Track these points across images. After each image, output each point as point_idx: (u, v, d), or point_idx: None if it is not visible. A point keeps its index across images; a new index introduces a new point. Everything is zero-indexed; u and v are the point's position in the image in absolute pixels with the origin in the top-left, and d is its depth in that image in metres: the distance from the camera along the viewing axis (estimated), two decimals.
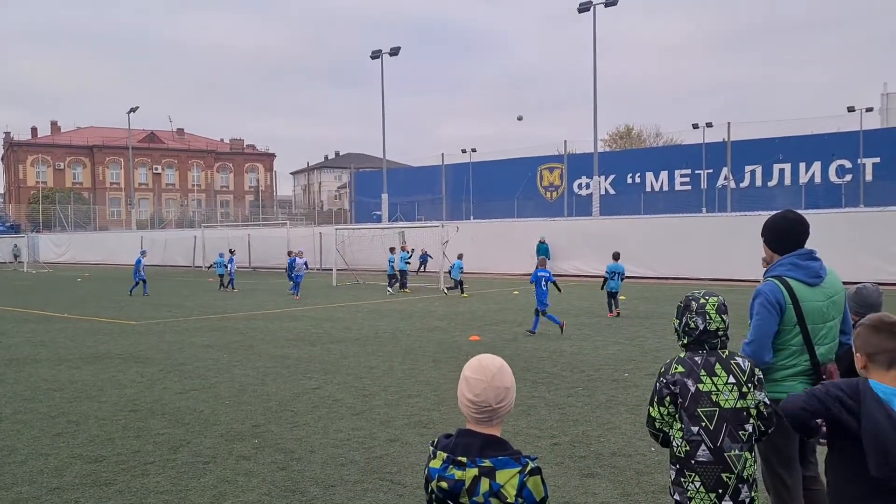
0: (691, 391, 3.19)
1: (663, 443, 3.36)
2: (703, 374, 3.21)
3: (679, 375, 3.23)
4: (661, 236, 29.06)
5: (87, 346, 13.20)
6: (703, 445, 3.15)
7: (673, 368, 3.28)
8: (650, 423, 3.37)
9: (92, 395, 9.04)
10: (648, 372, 9.90)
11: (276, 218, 67.92)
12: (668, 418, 3.27)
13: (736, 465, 3.14)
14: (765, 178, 42.94)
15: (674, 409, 3.25)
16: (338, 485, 5.63)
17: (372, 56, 43.27)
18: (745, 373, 3.23)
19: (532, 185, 51.72)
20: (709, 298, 3.34)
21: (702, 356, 3.26)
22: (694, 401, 3.18)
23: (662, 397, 3.27)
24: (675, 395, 3.23)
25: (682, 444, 3.21)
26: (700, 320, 3.29)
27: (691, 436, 3.18)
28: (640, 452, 6.27)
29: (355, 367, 10.68)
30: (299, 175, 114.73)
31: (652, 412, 3.34)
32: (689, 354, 3.31)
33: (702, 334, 3.29)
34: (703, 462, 3.15)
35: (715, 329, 3.28)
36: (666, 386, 3.26)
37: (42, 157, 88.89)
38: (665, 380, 3.27)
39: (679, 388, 3.21)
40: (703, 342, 3.29)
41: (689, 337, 3.33)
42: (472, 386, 2.20)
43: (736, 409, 3.17)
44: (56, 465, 6.22)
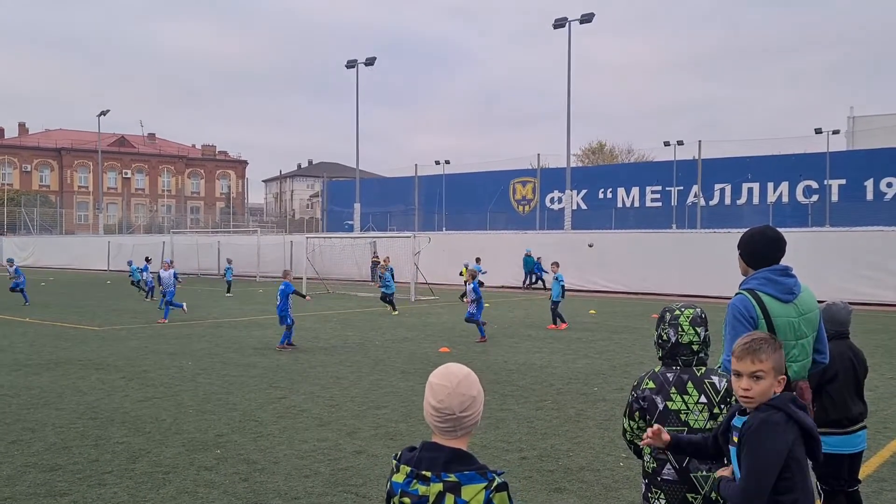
0: (659, 408, 3.11)
1: (636, 453, 3.32)
2: (673, 391, 3.12)
3: (649, 392, 3.16)
4: (633, 251, 29.28)
5: (48, 352, 12.86)
6: (668, 464, 3.09)
7: (644, 383, 3.20)
8: (623, 435, 3.35)
9: (50, 401, 8.79)
10: (617, 386, 9.90)
11: (247, 225, 67.21)
12: (639, 431, 3.22)
13: (703, 486, 3.06)
14: (734, 197, 43.58)
15: (643, 424, 3.18)
16: (301, 497, 5.51)
17: (347, 66, 43.16)
18: (720, 393, 3.12)
19: (505, 199, 51.91)
20: (684, 310, 3.21)
21: (675, 373, 3.16)
22: (661, 418, 3.10)
23: (633, 411, 3.22)
24: (643, 410, 3.16)
25: (650, 460, 3.16)
26: (672, 332, 3.18)
27: (658, 453, 3.11)
28: (609, 468, 6.24)
29: (322, 377, 10.54)
30: (271, 183, 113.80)
31: (625, 424, 3.30)
32: (662, 370, 3.21)
33: (674, 348, 3.17)
34: (668, 480, 3.09)
35: (688, 342, 3.15)
36: (636, 401, 3.20)
37: (9, 158, 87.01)
38: (636, 394, 3.21)
39: (647, 405, 3.14)
40: (676, 356, 3.18)
41: (662, 349, 3.23)
42: (436, 392, 2.12)
43: (705, 430, 3.07)
44: (9, 473, 6.00)
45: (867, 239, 24.92)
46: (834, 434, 4.18)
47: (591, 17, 34.02)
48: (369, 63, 42.39)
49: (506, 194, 52.22)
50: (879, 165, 39.09)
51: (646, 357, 12.61)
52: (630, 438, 3.28)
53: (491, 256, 32.73)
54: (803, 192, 41.26)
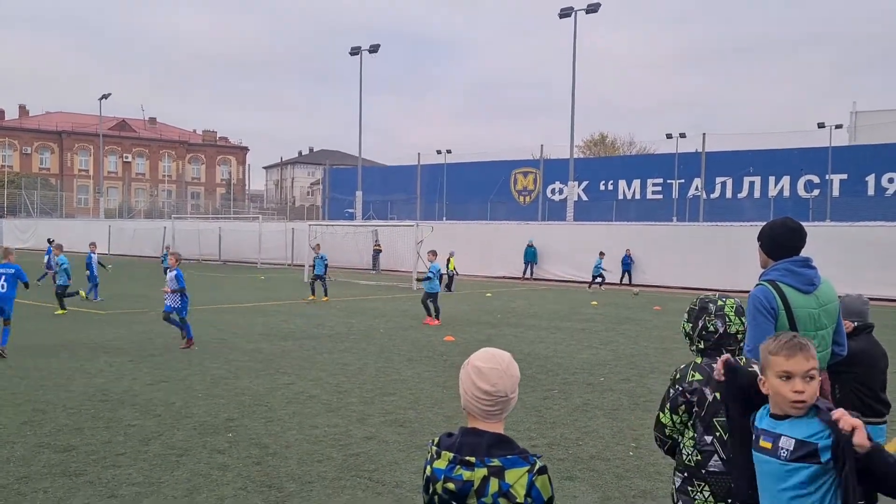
0: (709, 400, 3.06)
1: (669, 450, 3.27)
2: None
3: (697, 384, 3.10)
4: (634, 244, 29.31)
5: (54, 335, 12.89)
6: (715, 455, 3.06)
7: (690, 376, 3.14)
8: (659, 430, 3.26)
9: (60, 383, 8.83)
10: (623, 377, 9.95)
11: (248, 212, 67.16)
12: (680, 426, 3.17)
13: None
14: (735, 190, 43.62)
15: (687, 418, 3.14)
16: (315, 481, 5.55)
17: (351, 52, 43.01)
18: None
19: (506, 189, 51.89)
20: (726, 300, 3.20)
21: None
22: (711, 410, 3.06)
23: (677, 405, 3.15)
24: (690, 403, 3.11)
25: (693, 452, 3.11)
26: (720, 323, 3.15)
27: (704, 445, 3.08)
28: (619, 457, 6.28)
29: (329, 364, 10.58)
30: (272, 170, 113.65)
31: (663, 419, 3.23)
32: (706, 361, 3.16)
33: (721, 338, 3.14)
34: (714, 472, 3.05)
35: (735, 332, 3.14)
36: (682, 394, 3.13)
37: (9, 140, 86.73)
38: (681, 387, 3.15)
39: (696, 397, 3.09)
40: (721, 347, 3.14)
41: (706, 342, 3.18)
42: (488, 375, 2.14)
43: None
44: (23, 453, 6.04)
45: (868, 234, 24.95)
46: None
47: (598, 6, 33.89)
48: (373, 50, 42.24)
49: (507, 185, 52.20)
50: (881, 161, 39.08)
51: (649, 348, 12.67)
52: (669, 433, 3.22)
53: (492, 246, 32.78)
54: (805, 186, 41.27)
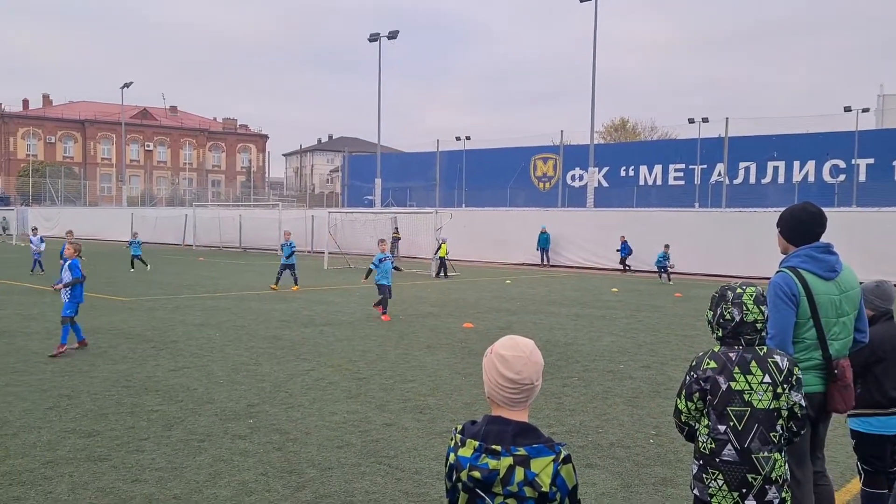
0: (722, 389, 3.06)
1: (688, 436, 3.27)
2: (736, 371, 3.07)
3: (711, 371, 3.10)
4: (656, 230, 29.09)
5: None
6: (729, 445, 3.06)
7: (705, 363, 3.13)
8: (677, 416, 3.27)
9: (83, 369, 8.95)
10: (643, 364, 9.90)
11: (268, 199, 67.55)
12: (696, 413, 3.17)
13: (763, 467, 3.04)
14: (759, 176, 43.10)
15: (702, 405, 3.14)
16: (335, 467, 5.58)
17: (370, 39, 42.93)
18: (783, 372, 3.09)
19: (525, 175, 51.69)
20: (746, 288, 3.17)
21: (737, 352, 3.12)
22: (724, 399, 3.06)
23: (691, 392, 3.15)
24: (704, 391, 3.11)
25: (708, 440, 3.11)
26: (736, 311, 3.13)
27: (717, 434, 3.08)
28: (639, 444, 6.25)
29: (348, 351, 10.62)
30: (291, 157, 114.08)
31: (679, 405, 3.23)
32: (723, 349, 3.16)
33: (738, 326, 3.12)
34: (728, 461, 3.05)
35: (752, 321, 3.11)
36: (696, 381, 3.13)
37: (33, 129, 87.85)
38: (696, 374, 3.15)
39: (710, 385, 3.09)
40: (739, 335, 3.13)
41: (723, 329, 3.17)
42: (512, 363, 2.13)
43: (769, 411, 3.05)
44: (49, 438, 6.14)
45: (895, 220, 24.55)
46: (878, 415, 4.15)
47: None
48: (392, 36, 42.13)
49: (526, 171, 52.00)
50: None
51: (670, 336, 12.58)
52: (685, 420, 3.22)
53: (511, 233, 32.69)
54: (830, 171, 40.68)
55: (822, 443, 3.98)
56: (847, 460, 5.73)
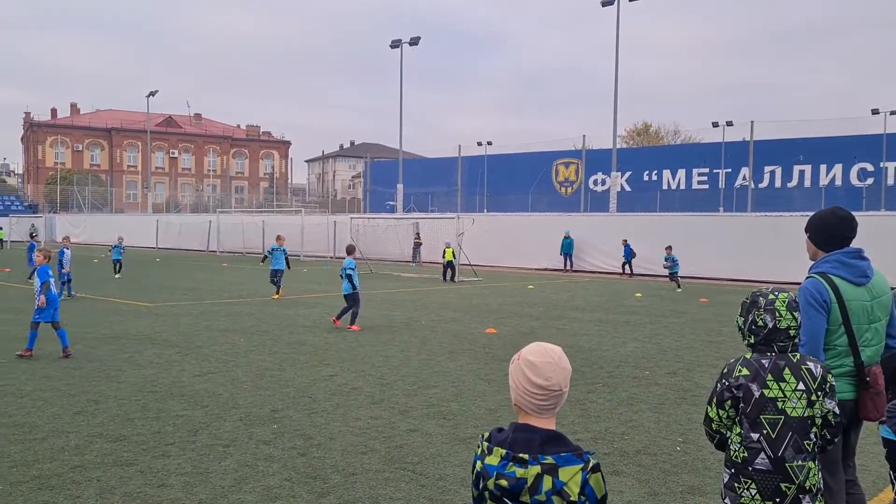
0: (755, 396, 3.01)
1: (719, 445, 3.21)
2: (769, 378, 3.01)
3: (744, 379, 3.04)
4: (679, 235, 28.81)
5: (105, 327, 13.23)
6: (762, 453, 3.00)
7: (737, 370, 3.08)
8: (707, 424, 3.22)
9: (110, 374, 9.05)
10: (669, 370, 9.80)
11: (291, 205, 68.03)
12: (727, 421, 3.11)
13: (798, 476, 2.98)
14: (784, 179, 42.58)
15: (734, 413, 3.08)
16: (359, 473, 5.58)
17: (392, 45, 43.12)
18: (817, 380, 3.03)
19: (547, 180, 51.54)
20: (778, 294, 3.11)
21: (770, 359, 3.06)
22: (757, 407, 3.00)
23: (723, 400, 3.09)
24: (736, 398, 3.05)
25: (740, 449, 3.05)
26: (769, 318, 3.06)
27: (750, 442, 3.02)
28: (666, 452, 6.17)
29: (371, 356, 10.63)
30: (314, 163, 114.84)
31: (710, 413, 3.17)
32: (755, 356, 3.10)
33: (770, 333, 3.06)
34: (761, 470, 2.99)
35: (785, 328, 3.05)
36: (728, 389, 3.07)
37: (61, 138, 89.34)
38: (728, 382, 3.08)
39: (742, 393, 3.03)
40: (771, 342, 3.07)
41: (755, 336, 3.11)
42: (542, 370, 2.10)
43: (803, 418, 2.99)
44: (77, 443, 6.20)
45: None
46: None
47: None
48: (414, 43, 42.27)
49: (548, 176, 51.85)
50: None
51: (696, 341, 12.45)
52: (716, 428, 3.16)
53: (533, 238, 32.59)
54: (858, 174, 40.10)
55: (854, 451, 3.90)
56: (879, 469, 5.61)
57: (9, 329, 12.78)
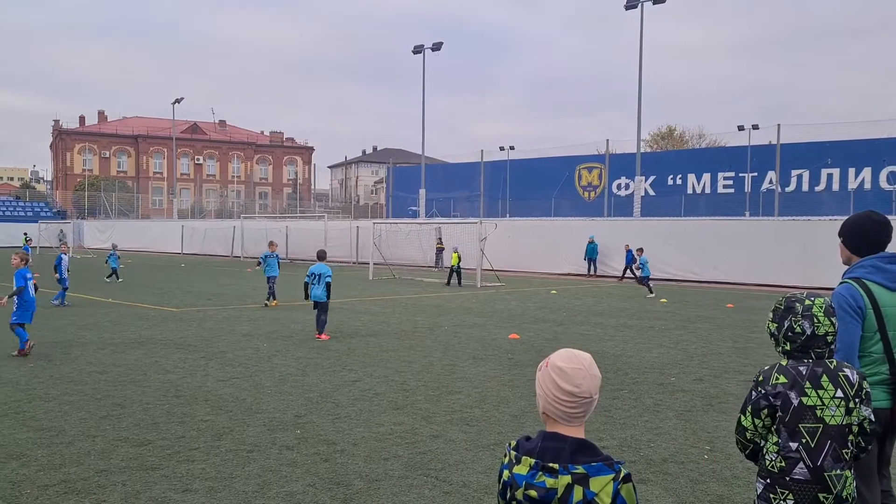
0: (794, 405, 2.92)
1: (751, 454, 3.13)
2: (808, 386, 2.93)
3: (781, 387, 2.96)
4: (705, 239, 28.52)
5: (130, 332, 13.35)
6: (801, 463, 2.91)
7: (774, 378, 2.99)
8: (741, 433, 3.13)
9: (136, 379, 9.12)
10: (695, 377, 9.66)
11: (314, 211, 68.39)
12: (763, 430, 3.03)
13: (835, 486, 2.90)
14: (812, 183, 41.97)
15: (770, 422, 3.00)
16: (382, 479, 5.55)
17: (414, 51, 43.24)
18: (854, 386, 2.95)
19: (570, 185, 51.29)
20: (814, 299, 3.02)
21: (807, 366, 2.97)
22: (796, 415, 2.92)
23: (759, 409, 3.01)
24: (774, 407, 2.97)
25: (777, 459, 2.97)
26: (807, 324, 2.98)
27: (789, 452, 2.94)
28: (693, 460, 6.07)
29: (394, 361, 10.61)
30: (337, 169, 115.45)
31: (744, 422, 3.08)
32: (792, 363, 3.01)
33: (808, 340, 2.97)
34: (799, 480, 2.91)
35: (823, 334, 2.97)
36: (765, 397, 2.99)
37: (89, 145, 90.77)
38: (764, 390, 3.00)
39: (780, 401, 2.95)
40: (808, 349, 2.98)
41: (792, 343, 3.02)
42: (572, 376, 2.05)
43: (841, 426, 2.92)
44: (103, 447, 6.24)
45: None
46: None
47: None
48: (436, 48, 42.35)
49: (571, 180, 51.59)
50: None
51: (723, 347, 12.27)
52: (751, 437, 3.07)
53: (556, 243, 32.42)
54: (887, 178, 39.38)
55: (888, 460, 3.79)
56: None
57: (43, 334, 12.96)
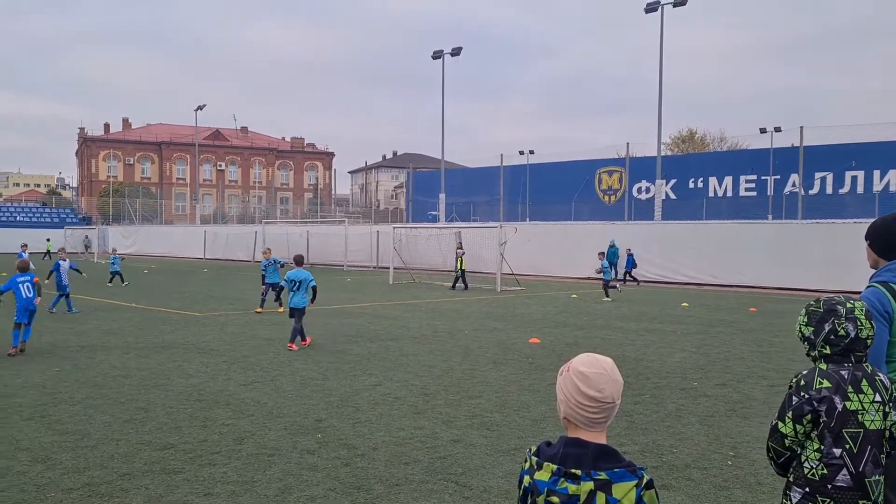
0: (838, 409, 2.85)
1: (784, 464, 3.03)
2: (850, 390, 2.87)
3: (826, 391, 2.88)
4: (726, 243, 28.24)
5: (154, 336, 13.49)
6: (844, 470, 2.85)
7: (818, 383, 2.90)
8: (778, 441, 3.01)
9: (159, 383, 9.20)
10: (718, 381, 9.55)
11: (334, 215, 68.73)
12: (802, 437, 2.95)
13: (874, 491, 2.84)
14: (836, 186, 41.41)
15: (811, 428, 2.92)
16: (402, 483, 5.54)
17: (433, 56, 43.33)
18: (888, 391, 2.92)
19: (590, 188, 51.04)
20: (854, 302, 2.96)
21: (848, 370, 2.90)
22: (840, 421, 2.85)
23: (802, 414, 2.91)
24: (817, 413, 2.89)
25: (819, 466, 2.89)
26: (851, 327, 2.90)
27: (832, 459, 2.86)
28: (717, 466, 6.00)
29: (414, 366, 10.61)
30: (357, 174, 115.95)
31: (783, 429, 2.98)
32: (833, 367, 2.93)
33: (852, 343, 2.90)
34: (841, 487, 2.84)
35: (865, 337, 2.91)
36: (808, 402, 2.90)
37: (113, 152, 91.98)
38: (808, 395, 2.91)
39: (825, 406, 2.87)
40: (850, 352, 2.91)
41: (833, 346, 2.94)
42: (594, 381, 2.03)
43: (879, 431, 2.87)
44: (126, 451, 6.30)
45: None
46: None
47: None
48: (455, 53, 42.41)
49: (591, 184, 51.33)
50: None
51: (746, 352, 12.13)
52: (789, 445, 2.98)
53: (576, 247, 32.27)
54: None
55: None
56: None
57: (67, 339, 13.13)
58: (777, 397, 8.26)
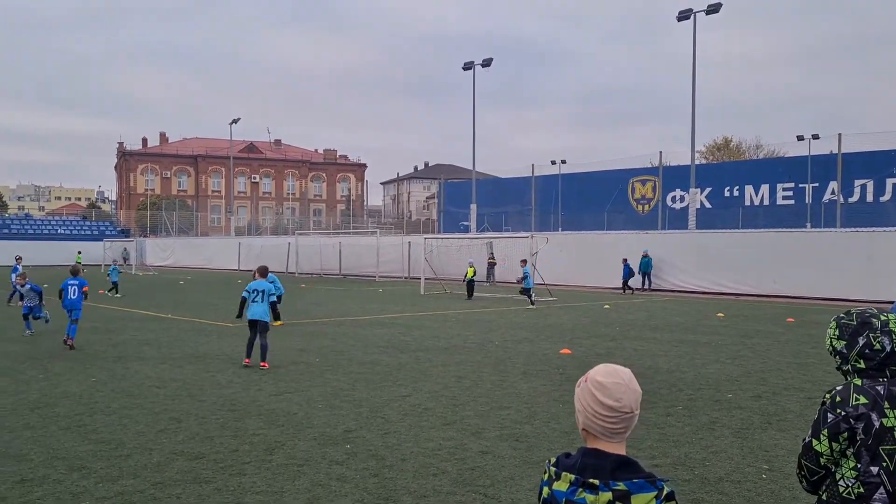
0: (875, 426, 2.75)
1: (816, 482, 2.93)
2: (886, 406, 2.77)
3: (863, 408, 2.77)
4: (763, 252, 27.77)
5: (189, 346, 13.68)
6: (881, 488, 2.74)
7: (854, 399, 2.80)
8: (812, 460, 2.90)
9: (192, 393, 9.32)
10: (754, 394, 9.37)
11: (367, 226, 69.12)
12: (838, 455, 2.84)
13: None
14: (877, 193, 40.47)
15: (847, 445, 2.82)
16: (430, 495, 5.53)
17: (464, 67, 43.49)
18: None
19: (623, 198, 50.60)
20: (888, 315, 2.86)
21: (884, 385, 2.80)
22: (878, 438, 2.75)
23: (838, 432, 2.80)
24: (854, 430, 2.78)
25: (856, 484, 2.79)
26: (887, 340, 2.81)
27: (869, 477, 2.76)
28: (750, 479, 5.87)
29: (444, 377, 10.60)
30: (389, 185, 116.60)
31: (818, 447, 2.86)
32: (868, 383, 2.83)
33: (888, 357, 2.80)
34: None
35: None
36: (845, 419, 2.79)
37: (151, 165, 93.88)
38: (844, 412, 2.80)
39: (863, 423, 2.77)
40: (885, 367, 2.81)
41: (868, 361, 2.83)
42: (612, 391, 2.02)
43: None
44: (159, 460, 6.39)
45: None
46: None
47: (718, 6, 32.55)
48: (486, 64, 42.50)
49: (624, 193, 50.90)
50: None
51: (783, 363, 11.88)
52: (824, 463, 2.87)
53: (609, 257, 32.00)
54: None
55: None
56: None
57: (105, 350, 13.38)
58: (814, 410, 8.08)
